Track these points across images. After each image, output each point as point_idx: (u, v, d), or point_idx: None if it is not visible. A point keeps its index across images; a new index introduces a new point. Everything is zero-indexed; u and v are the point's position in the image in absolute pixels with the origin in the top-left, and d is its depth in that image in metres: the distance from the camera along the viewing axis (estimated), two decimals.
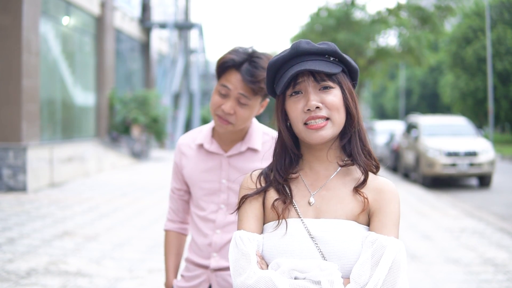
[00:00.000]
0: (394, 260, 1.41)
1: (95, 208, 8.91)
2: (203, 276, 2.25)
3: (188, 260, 2.30)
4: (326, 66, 1.52)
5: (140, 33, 21.81)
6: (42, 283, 4.89)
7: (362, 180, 1.54)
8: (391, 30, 27.07)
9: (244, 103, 2.11)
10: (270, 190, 1.59)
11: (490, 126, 23.35)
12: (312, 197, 1.55)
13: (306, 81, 1.52)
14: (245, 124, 2.17)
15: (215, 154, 2.25)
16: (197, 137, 2.29)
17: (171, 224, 2.36)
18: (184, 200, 2.34)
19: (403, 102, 46.67)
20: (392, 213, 1.50)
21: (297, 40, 1.56)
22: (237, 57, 2.09)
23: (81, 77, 15.80)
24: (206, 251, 2.24)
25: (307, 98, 1.51)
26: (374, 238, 1.45)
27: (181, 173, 2.30)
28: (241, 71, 2.08)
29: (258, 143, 2.23)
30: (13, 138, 10.82)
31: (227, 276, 2.21)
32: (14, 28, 10.87)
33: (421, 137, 14.05)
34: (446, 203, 10.32)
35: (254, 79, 2.07)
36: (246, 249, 1.48)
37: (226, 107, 2.10)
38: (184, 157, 2.29)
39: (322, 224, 1.50)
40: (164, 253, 2.35)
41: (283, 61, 1.56)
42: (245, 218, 1.57)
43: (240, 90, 2.09)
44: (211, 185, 2.23)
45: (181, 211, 2.35)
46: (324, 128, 1.50)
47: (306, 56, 1.54)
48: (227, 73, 2.11)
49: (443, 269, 5.59)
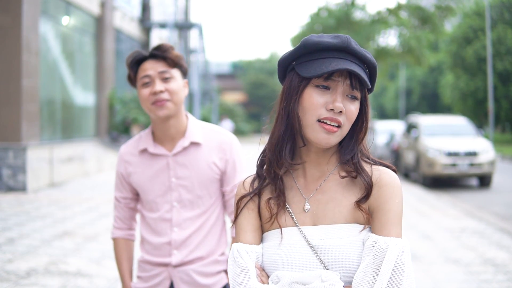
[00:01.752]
0: (397, 263, 1.35)
1: (95, 208, 8.91)
2: (163, 274, 2.30)
3: (143, 261, 2.35)
4: (364, 76, 1.43)
5: (140, 33, 21.80)
6: (42, 283, 4.89)
7: (365, 194, 1.44)
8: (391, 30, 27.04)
9: (168, 77, 2.24)
10: (263, 193, 1.52)
11: (490, 126, 23.33)
12: (307, 202, 1.48)
13: (341, 82, 1.43)
14: (180, 99, 2.27)
15: (160, 156, 2.31)
16: (138, 144, 2.36)
17: (119, 231, 2.41)
18: (130, 207, 2.41)
19: (403, 102, 46.64)
20: (393, 211, 1.42)
21: (345, 35, 1.44)
22: (142, 52, 2.29)
23: (81, 77, 15.80)
24: (165, 250, 2.29)
25: (334, 98, 1.41)
26: (373, 241, 1.38)
27: (127, 182, 2.36)
28: (152, 54, 2.26)
29: (200, 137, 2.31)
30: (13, 138, 10.82)
31: (189, 271, 2.27)
32: (14, 28, 10.87)
33: (421, 137, 14.04)
34: (446, 203, 10.32)
35: (163, 51, 2.24)
36: (244, 264, 1.43)
37: (155, 88, 2.22)
38: (129, 165, 2.35)
39: (321, 231, 1.43)
40: (116, 260, 2.41)
41: (326, 47, 1.43)
42: (241, 230, 1.51)
43: (158, 69, 2.24)
44: (162, 186, 2.29)
45: (128, 219, 2.41)
46: (334, 135, 1.42)
47: (351, 56, 1.44)
48: (141, 66, 2.27)
49: (443, 269, 5.58)
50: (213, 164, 2.29)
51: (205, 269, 2.29)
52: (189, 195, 2.28)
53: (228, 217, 2.41)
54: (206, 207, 2.31)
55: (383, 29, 26.20)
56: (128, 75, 2.31)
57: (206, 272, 2.29)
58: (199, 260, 2.29)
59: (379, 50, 26.70)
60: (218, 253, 2.34)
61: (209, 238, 2.31)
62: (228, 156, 2.31)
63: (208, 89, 34.12)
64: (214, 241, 2.32)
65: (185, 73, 2.32)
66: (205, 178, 2.28)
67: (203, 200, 2.30)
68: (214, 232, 2.33)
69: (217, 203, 2.34)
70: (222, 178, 2.33)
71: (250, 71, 56.53)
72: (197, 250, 2.28)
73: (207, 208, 2.31)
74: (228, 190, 2.32)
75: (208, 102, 32.99)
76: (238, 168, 2.33)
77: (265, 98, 52.22)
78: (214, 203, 2.33)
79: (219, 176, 2.31)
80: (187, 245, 2.27)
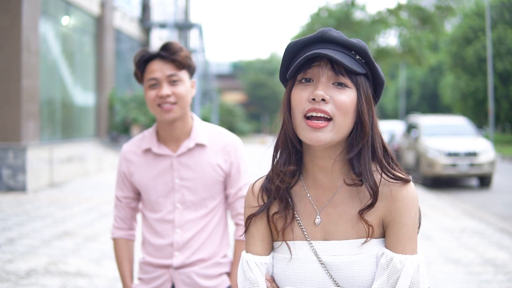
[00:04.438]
0: (412, 283, 1.31)
1: (95, 208, 8.90)
2: (165, 276, 2.28)
3: (145, 263, 2.32)
4: (349, 61, 1.32)
5: (140, 33, 21.80)
6: (42, 283, 4.88)
7: (369, 204, 1.35)
8: (391, 30, 27.03)
9: (176, 80, 2.20)
10: (271, 207, 1.45)
11: (490, 126, 23.34)
12: (318, 216, 1.40)
13: (321, 68, 1.33)
14: (187, 102, 2.23)
15: (164, 156, 2.28)
16: (142, 143, 2.33)
17: (120, 231, 2.38)
18: (131, 207, 2.38)
19: (403, 102, 46.63)
20: (408, 225, 1.35)
21: (329, 27, 1.37)
22: (150, 51, 2.23)
23: (81, 77, 15.79)
24: (167, 251, 2.26)
25: (315, 86, 1.33)
26: (388, 259, 1.32)
27: (129, 181, 2.33)
28: (160, 54, 2.20)
29: (205, 138, 2.28)
30: (13, 138, 10.82)
31: (191, 273, 2.25)
32: (14, 28, 10.87)
33: (421, 137, 14.04)
34: (446, 203, 10.32)
35: (172, 53, 2.18)
36: (253, 277, 1.40)
37: (163, 92, 2.17)
38: (132, 164, 2.32)
39: (332, 247, 1.37)
40: (116, 261, 2.38)
41: (303, 44, 1.37)
42: (251, 240, 1.45)
43: (166, 72, 2.19)
44: (165, 187, 2.27)
45: (128, 218, 2.38)
46: (323, 130, 1.31)
47: (331, 44, 1.35)
48: (148, 67, 2.22)
49: (443, 269, 5.58)
50: (217, 166, 2.27)
51: (207, 271, 2.27)
52: (192, 196, 2.26)
53: (231, 219, 2.40)
54: (209, 209, 2.28)
55: (383, 29, 26.19)
56: (135, 73, 2.27)
57: (207, 274, 2.27)
58: (200, 262, 2.27)
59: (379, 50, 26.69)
60: (220, 255, 2.31)
61: (211, 240, 2.29)
62: (232, 159, 2.29)
63: (208, 89, 34.12)
64: (216, 243, 2.30)
65: (193, 72, 2.28)
66: (209, 180, 2.26)
67: (206, 202, 2.27)
68: (216, 234, 2.31)
69: (220, 205, 2.32)
70: (226, 181, 2.31)
71: (250, 71, 56.50)
72: (199, 252, 2.26)
73: (210, 210, 2.29)
74: (232, 192, 2.30)
75: (208, 102, 32.98)
76: (243, 171, 2.31)
77: (265, 98, 52.21)
78: (217, 205, 2.31)
79: (223, 178, 2.29)
80: (189, 247, 2.25)
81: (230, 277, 2.32)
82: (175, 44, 2.20)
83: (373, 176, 1.35)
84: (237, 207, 2.31)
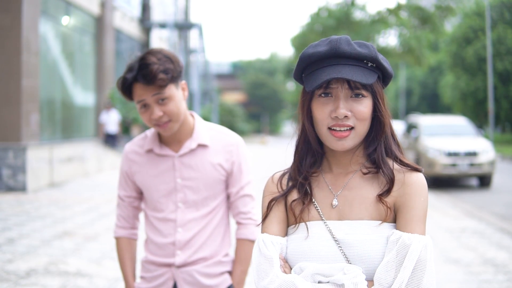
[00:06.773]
0: (419, 259, 1.37)
1: (95, 208, 8.90)
2: (167, 274, 2.29)
3: (147, 261, 2.34)
4: (363, 75, 1.44)
5: (140, 33, 21.79)
6: (42, 283, 4.89)
7: (387, 189, 1.48)
8: (391, 30, 27.06)
9: (164, 98, 2.15)
10: (290, 193, 1.56)
11: (490, 126, 23.34)
12: (336, 198, 1.52)
13: (339, 87, 1.46)
14: (182, 113, 2.21)
15: (166, 156, 2.30)
16: (144, 143, 2.34)
17: (122, 230, 2.39)
18: (134, 206, 2.39)
19: (403, 102, 46.65)
20: (417, 208, 1.45)
21: (338, 37, 1.47)
22: (130, 73, 2.15)
23: (81, 77, 15.80)
24: (169, 250, 2.28)
25: (336, 104, 1.46)
26: (397, 237, 1.41)
27: (131, 180, 2.35)
28: (138, 79, 2.12)
29: (207, 139, 2.30)
30: (12, 138, 10.82)
31: (192, 271, 2.27)
32: (14, 28, 10.87)
33: (421, 137, 14.03)
34: (446, 203, 10.32)
35: (150, 78, 2.10)
36: (269, 253, 1.47)
37: (154, 115, 2.16)
38: (134, 164, 2.34)
39: (346, 226, 1.47)
40: (118, 260, 2.39)
41: (318, 58, 1.48)
42: (268, 221, 1.55)
43: (151, 93, 2.14)
44: (167, 186, 2.28)
45: (131, 217, 2.40)
46: (347, 139, 1.46)
47: (344, 59, 1.46)
48: (133, 90, 2.17)
49: (443, 269, 5.58)
50: (219, 166, 2.29)
51: (209, 270, 2.29)
52: (194, 196, 2.27)
53: (232, 218, 2.41)
54: (211, 208, 2.30)
55: (383, 29, 26.22)
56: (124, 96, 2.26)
57: (209, 273, 2.29)
58: (202, 261, 2.28)
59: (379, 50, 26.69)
60: (222, 254, 2.33)
61: (212, 239, 2.30)
62: (234, 158, 2.31)
63: (208, 89, 34.12)
64: (218, 242, 2.32)
65: (180, 75, 2.22)
66: (210, 180, 2.28)
67: (208, 201, 2.29)
68: (218, 233, 2.32)
69: (222, 204, 2.34)
70: (228, 180, 2.32)
71: (250, 71, 56.48)
72: (200, 250, 2.28)
73: (212, 209, 2.30)
74: (233, 191, 2.32)
75: (208, 102, 32.99)
76: (244, 170, 2.32)
77: (265, 98, 52.20)
78: (218, 204, 2.32)
79: (224, 178, 2.30)
80: (191, 246, 2.27)
81: (231, 276, 2.34)
82: (152, 63, 2.11)
83: (388, 164, 1.50)
84: (239, 206, 2.32)
